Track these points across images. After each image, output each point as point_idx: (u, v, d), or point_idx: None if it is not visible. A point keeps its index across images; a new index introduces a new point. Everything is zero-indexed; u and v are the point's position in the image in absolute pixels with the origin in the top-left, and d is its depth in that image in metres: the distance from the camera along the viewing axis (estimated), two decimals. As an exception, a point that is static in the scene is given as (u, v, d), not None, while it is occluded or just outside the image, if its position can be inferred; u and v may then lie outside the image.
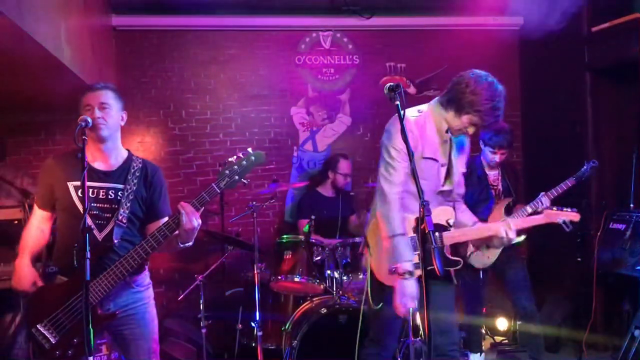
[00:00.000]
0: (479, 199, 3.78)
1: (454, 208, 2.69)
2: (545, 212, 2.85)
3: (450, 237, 2.59)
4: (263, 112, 5.08)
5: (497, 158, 3.73)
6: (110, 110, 2.48)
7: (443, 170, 2.61)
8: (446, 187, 2.62)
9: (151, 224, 2.60)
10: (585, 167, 3.71)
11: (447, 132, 2.60)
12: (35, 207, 2.59)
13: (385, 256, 2.57)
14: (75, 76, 3.08)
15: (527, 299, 3.81)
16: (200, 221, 2.40)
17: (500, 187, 3.85)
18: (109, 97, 2.50)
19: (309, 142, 5.18)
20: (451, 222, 2.56)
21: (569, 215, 2.85)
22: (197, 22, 4.90)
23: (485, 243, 2.74)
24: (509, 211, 3.75)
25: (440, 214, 2.57)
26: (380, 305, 2.62)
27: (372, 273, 2.66)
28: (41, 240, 2.57)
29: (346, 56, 5.22)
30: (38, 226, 2.56)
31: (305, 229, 3.99)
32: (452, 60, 5.30)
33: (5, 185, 3.74)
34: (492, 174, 3.86)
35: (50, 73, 2.94)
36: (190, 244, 2.48)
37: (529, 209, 3.64)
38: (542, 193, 3.62)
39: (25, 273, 2.45)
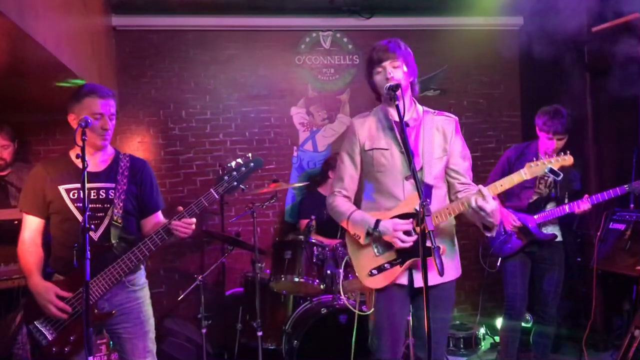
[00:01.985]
0: (524, 185, 3.59)
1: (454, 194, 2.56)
2: (527, 166, 2.44)
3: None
4: (263, 112, 5.08)
5: (554, 144, 3.53)
6: (115, 121, 2.54)
7: (402, 157, 2.49)
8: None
9: (146, 219, 2.65)
10: None
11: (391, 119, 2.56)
12: (27, 218, 2.54)
13: (361, 260, 2.56)
14: (75, 76, 3.07)
15: (551, 304, 3.78)
16: (194, 227, 2.46)
17: (551, 178, 3.72)
18: (115, 107, 2.55)
19: (309, 142, 5.18)
20: (418, 208, 2.43)
21: (559, 162, 2.47)
22: (197, 22, 4.89)
23: (478, 219, 2.44)
24: (555, 204, 3.68)
25: (410, 202, 2.47)
26: (372, 310, 2.57)
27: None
28: (40, 253, 2.52)
29: (346, 56, 5.22)
30: (33, 241, 2.52)
31: (305, 229, 3.99)
32: (452, 60, 5.30)
33: (12, 189, 3.77)
34: None
35: (50, 73, 2.94)
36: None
37: (567, 209, 3.58)
38: (586, 196, 3.55)
39: (46, 291, 2.40)
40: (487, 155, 5.38)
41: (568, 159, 2.52)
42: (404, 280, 2.51)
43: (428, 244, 2.08)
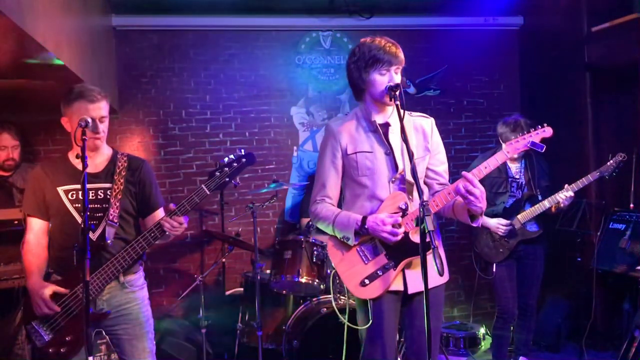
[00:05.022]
0: (497, 192, 3.74)
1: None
2: (507, 144, 2.42)
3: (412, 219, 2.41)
4: (263, 112, 5.08)
5: (515, 155, 3.66)
6: (107, 122, 2.53)
7: (389, 159, 2.44)
8: (398, 175, 2.45)
9: (147, 218, 2.66)
10: (610, 161, 3.66)
11: (373, 121, 2.49)
12: (31, 220, 2.54)
13: (349, 271, 2.45)
14: (75, 76, 3.08)
15: (533, 296, 3.83)
16: (186, 224, 2.45)
17: (522, 180, 3.78)
18: (107, 109, 2.53)
19: (309, 142, 5.18)
20: (403, 205, 2.39)
21: (539, 135, 2.39)
22: (197, 22, 4.89)
23: (461, 211, 2.39)
24: (531, 203, 3.72)
25: (393, 201, 2.42)
26: (370, 322, 2.44)
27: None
28: (43, 256, 2.52)
29: (346, 56, 5.18)
30: (38, 242, 2.52)
31: (306, 228, 3.99)
32: (452, 60, 5.31)
33: (15, 190, 3.78)
34: (515, 167, 3.79)
35: (50, 73, 2.94)
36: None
37: (547, 204, 3.63)
38: (566, 186, 3.60)
39: (42, 290, 2.39)
40: (486, 155, 5.37)
41: (547, 131, 2.43)
42: (399, 286, 2.42)
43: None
